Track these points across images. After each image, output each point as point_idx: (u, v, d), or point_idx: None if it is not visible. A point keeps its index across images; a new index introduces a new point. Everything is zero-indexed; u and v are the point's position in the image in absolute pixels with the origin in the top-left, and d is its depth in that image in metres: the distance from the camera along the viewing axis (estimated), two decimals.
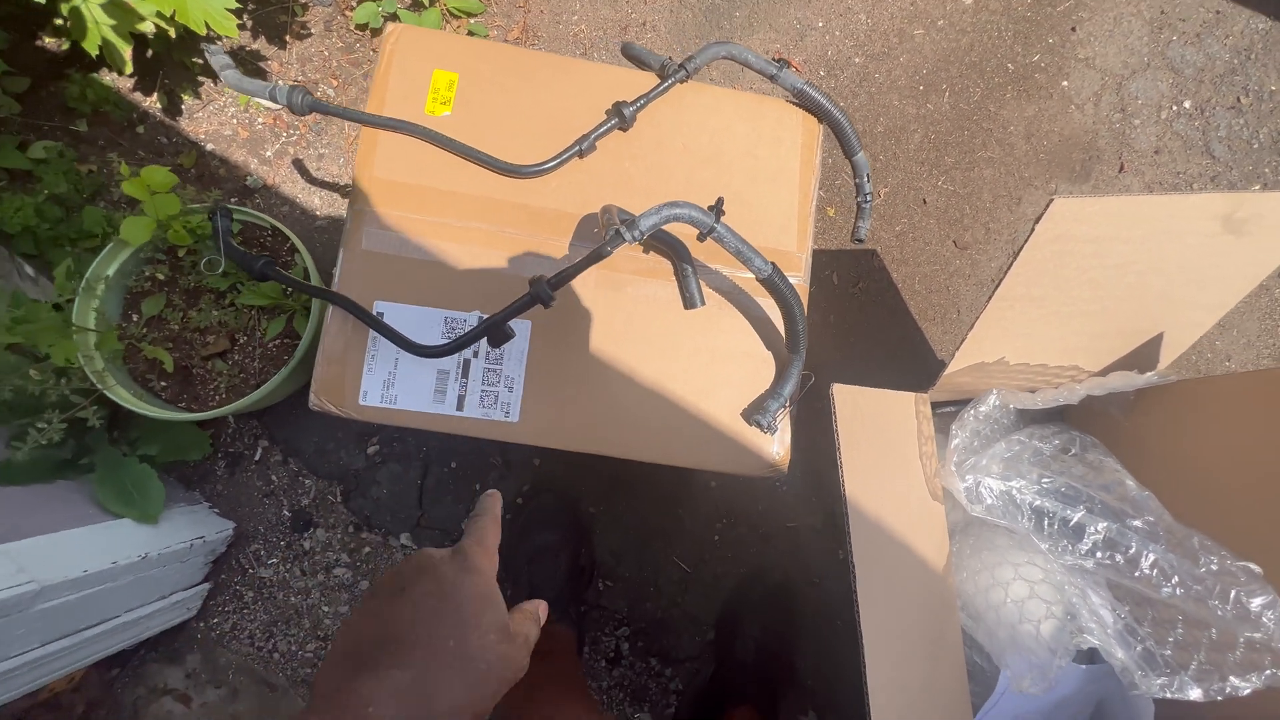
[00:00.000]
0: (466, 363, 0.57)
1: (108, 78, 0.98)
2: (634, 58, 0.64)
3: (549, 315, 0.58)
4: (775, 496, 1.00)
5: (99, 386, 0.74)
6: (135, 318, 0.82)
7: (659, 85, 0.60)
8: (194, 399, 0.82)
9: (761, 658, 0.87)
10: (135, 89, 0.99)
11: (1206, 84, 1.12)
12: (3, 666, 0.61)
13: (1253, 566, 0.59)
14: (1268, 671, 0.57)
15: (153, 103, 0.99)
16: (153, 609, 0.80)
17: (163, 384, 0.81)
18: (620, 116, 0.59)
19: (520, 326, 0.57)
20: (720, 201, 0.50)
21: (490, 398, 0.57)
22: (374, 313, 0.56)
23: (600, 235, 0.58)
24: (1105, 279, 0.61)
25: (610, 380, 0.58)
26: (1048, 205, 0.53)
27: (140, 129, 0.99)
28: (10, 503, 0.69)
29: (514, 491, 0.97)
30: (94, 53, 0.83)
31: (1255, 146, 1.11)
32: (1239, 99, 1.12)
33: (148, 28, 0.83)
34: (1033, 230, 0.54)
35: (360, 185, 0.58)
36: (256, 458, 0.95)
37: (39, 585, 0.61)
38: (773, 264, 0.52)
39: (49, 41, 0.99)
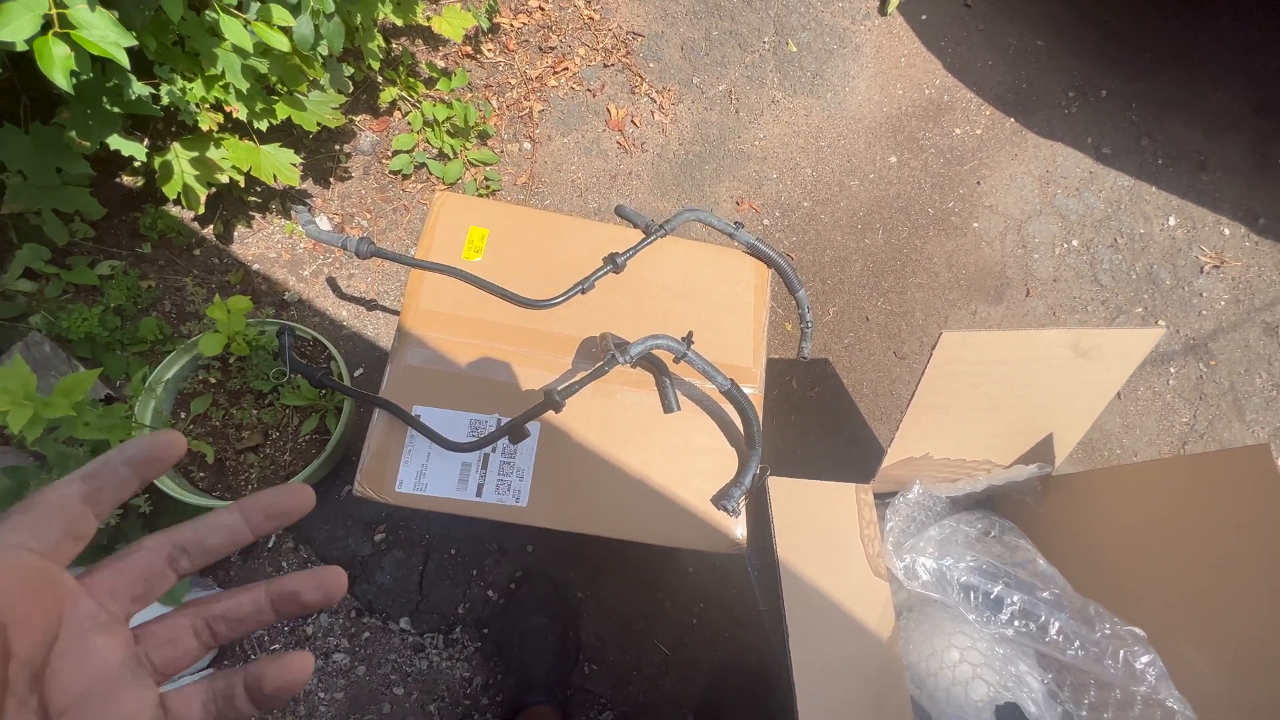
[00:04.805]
0: (486, 456, 0.69)
1: (174, 210, 1.16)
2: (625, 217, 0.82)
3: (554, 417, 0.72)
4: (746, 581, 1.09)
5: None
6: (184, 415, 0.93)
7: (644, 240, 0.78)
8: (228, 489, 0.91)
9: None
10: (196, 219, 1.17)
11: (1089, 227, 1.38)
12: None
13: (1138, 630, 0.71)
14: None
15: (210, 231, 1.17)
16: None
17: (201, 474, 0.91)
18: (614, 264, 0.76)
19: (532, 426, 0.71)
20: (690, 334, 0.66)
21: (505, 485, 0.69)
22: (413, 414, 0.69)
23: (598, 355, 0.73)
24: (994, 392, 0.77)
25: (603, 471, 0.71)
26: (939, 337, 0.70)
27: (197, 251, 1.16)
28: None
29: (508, 576, 1.05)
30: (173, 197, 1.00)
31: (1133, 277, 1.35)
32: (1116, 239, 1.37)
33: (223, 178, 1.01)
34: (930, 355, 0.71)
35: (407, 314, 0.73)
36: (270, 545, 1.03)
37: None
38: (731, 380, 0.67)
39: (126, 179, 1.17)
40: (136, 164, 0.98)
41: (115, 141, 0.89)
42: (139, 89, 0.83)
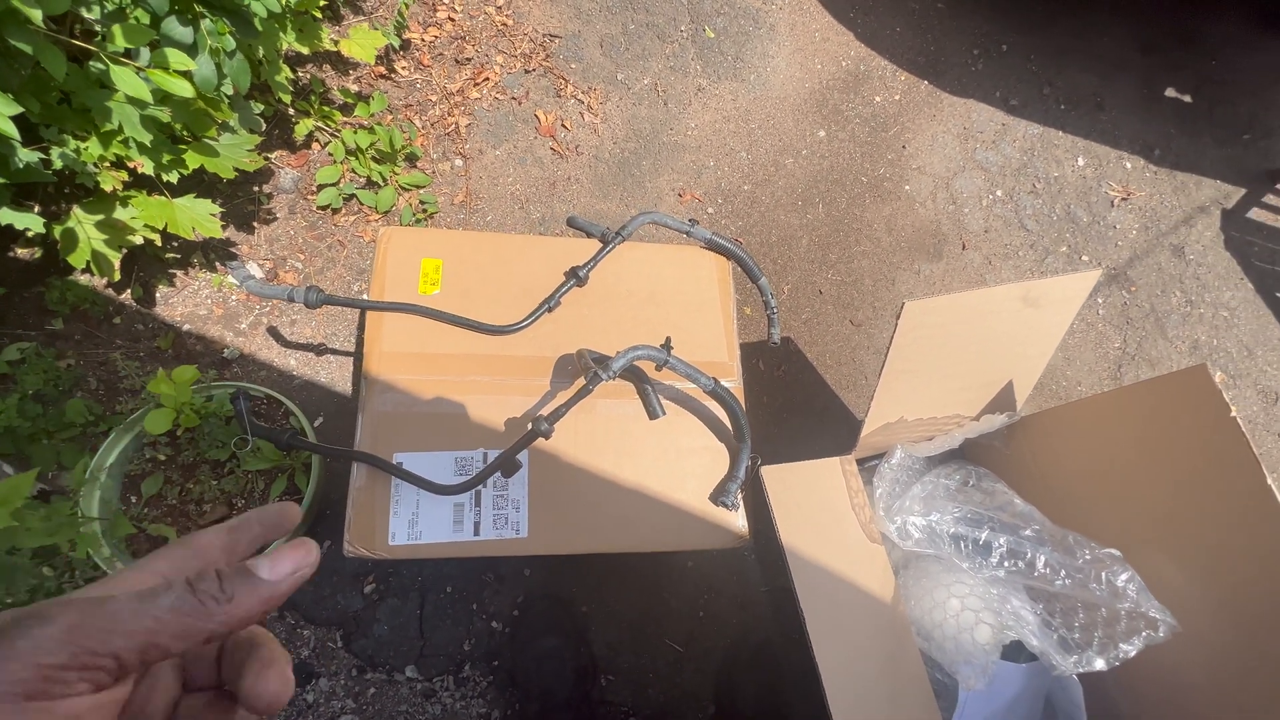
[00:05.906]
0: (478, 492, 0.68)
1: (84, 278, 1.06)
2: (578, 228, 0.81)
3: (541, 442, 0.70)
4: (747, 566, 1.11)
5: (109, 573, 0.77)
6: (135, 499, 0.86)
7: (603, 249, 0.77)
8: None
9: (761, 716, 0.95)
10: (110, 286, 1.08)
11: (1009, 176, 1.45)
12: None
13: (1114, 551, 0.77)
14: (1144, 633, 0.73)
15: (128, 296, 1.08)
16: None
17: None
18: (576, 277, 0.75)
19: (522, 456, 0.69)
20: (669, 340, 0.66)
21: (502, 519, 0.67)
22: (395, 463, 0.66)
23: (576, 372, 0.72)
24: (956, 350, 0.81)
25: (599, 487, 0.70)
26: (902, 307, 0.72)
27: (118, 320, 1.07)
28: None
29: (509, 604, 1.04)
30: (81, 266, 0.92)
31: (1055, 218, 1.43)
32: (1034, 185, 1.45)
33: (137, 239, 0.94)
34: (896, 327, 0.73)
35: (370, 360, 0.70)
36: None
37: None
38: (714, 379, 0.68)
39: (21, 252, 1.07)
40: (31, 234, 0.90)
41: (5, 215, 0.81)
42: (26, 155, 0.75)
